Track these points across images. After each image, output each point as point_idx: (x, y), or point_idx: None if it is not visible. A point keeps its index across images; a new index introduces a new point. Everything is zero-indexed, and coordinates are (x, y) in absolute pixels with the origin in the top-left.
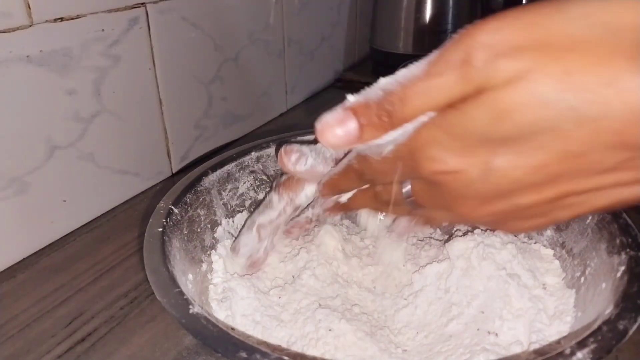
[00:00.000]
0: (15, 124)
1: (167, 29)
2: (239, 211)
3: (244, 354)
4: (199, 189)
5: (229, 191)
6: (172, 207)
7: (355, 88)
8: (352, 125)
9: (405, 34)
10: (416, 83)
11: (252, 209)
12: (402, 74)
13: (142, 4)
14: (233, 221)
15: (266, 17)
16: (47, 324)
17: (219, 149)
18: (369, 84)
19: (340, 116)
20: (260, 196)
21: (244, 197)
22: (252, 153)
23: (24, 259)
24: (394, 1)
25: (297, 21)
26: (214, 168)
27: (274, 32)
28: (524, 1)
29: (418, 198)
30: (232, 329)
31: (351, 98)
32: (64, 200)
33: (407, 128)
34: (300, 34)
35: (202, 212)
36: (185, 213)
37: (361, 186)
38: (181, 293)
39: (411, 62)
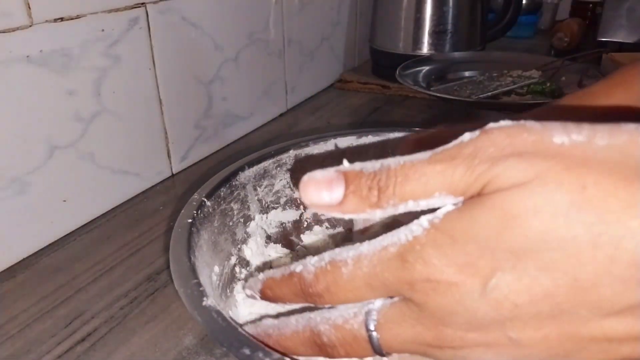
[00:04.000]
0: (15, 124)
1: (167, 29)
2: (274, 207)
3: (247, 351)
4: (234, 183)
5: (265, 187)
6: (205, 200)
7: (355, 88)
8: (338, 189)
9: (405, 34)
10: (417, 164)
11: (287, 207)
12: (407, 156)
13: (142, 4)
14: (267, 217)
15: (266, 17)
16: (47, 324)
17: (220, 149)
18: (368, 84)
19: (330, 176)
20: (297, 194)
21: (279, 194)
22: (291, 151)
23: (24, 259)
24: (394, 1)
25: (297, 21)
26: (250, 164)
27: (274, 32)
28: (524, 1)
29: (387, 327)
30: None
31: (347, 164)
32: (64, 200)
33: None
34: (300, 34)
35: (235, 206)
36: (218, 206)
37: (298, 302)
38: (198, 284)
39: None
